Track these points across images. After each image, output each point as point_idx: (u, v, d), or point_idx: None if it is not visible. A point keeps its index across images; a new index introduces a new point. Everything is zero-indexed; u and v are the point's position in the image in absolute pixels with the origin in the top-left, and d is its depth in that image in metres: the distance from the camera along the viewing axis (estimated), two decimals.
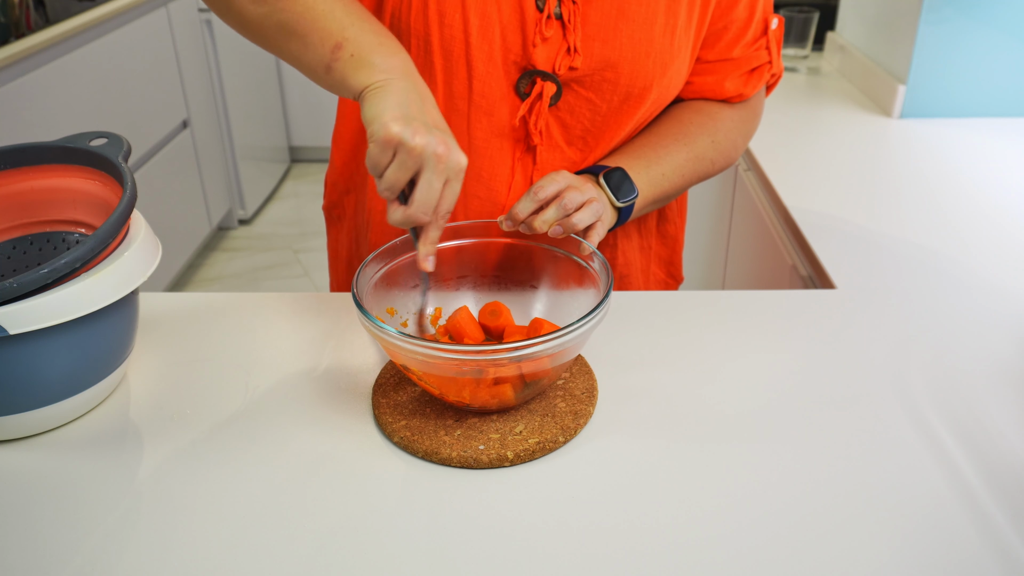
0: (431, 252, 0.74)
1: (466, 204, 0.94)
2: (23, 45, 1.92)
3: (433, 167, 0.70)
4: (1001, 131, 1.51)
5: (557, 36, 0.86)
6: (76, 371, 0.73)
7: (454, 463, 0.70)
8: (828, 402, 0.77)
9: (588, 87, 0.89)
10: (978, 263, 1.05)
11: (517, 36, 0.85)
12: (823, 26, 1.99)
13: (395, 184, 0.70)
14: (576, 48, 0.85)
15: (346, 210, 1.06)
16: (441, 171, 0.70)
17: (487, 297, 0.85)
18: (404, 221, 0.72)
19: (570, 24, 0.85)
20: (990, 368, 0.81)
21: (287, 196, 3.54)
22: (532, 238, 0.82)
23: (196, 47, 2.87)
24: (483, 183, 0.93)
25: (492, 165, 0.92)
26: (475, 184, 0.93)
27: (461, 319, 0.80)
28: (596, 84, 0.88)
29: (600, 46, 0.86)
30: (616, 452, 0.71)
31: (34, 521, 0.65)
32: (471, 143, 0.91)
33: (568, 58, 0.86)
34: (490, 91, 0.88)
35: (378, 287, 0.78)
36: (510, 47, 0.86)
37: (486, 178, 0.93)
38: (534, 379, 0.72)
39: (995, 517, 0.64)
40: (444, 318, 0.83)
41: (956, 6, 1.49)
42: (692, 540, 0.63)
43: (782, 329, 0.88)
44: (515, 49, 0.86)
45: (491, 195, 0.94)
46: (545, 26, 0.85)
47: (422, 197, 0.70)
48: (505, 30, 0.85)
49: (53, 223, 0.84)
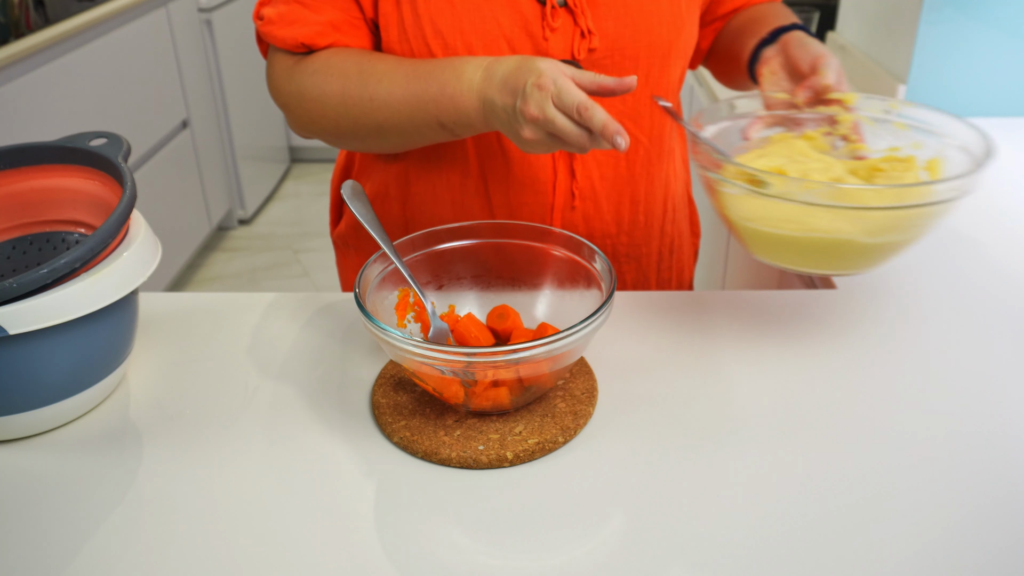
0: (616, 129, 0.73)
1: (517, 213, 0.95)
2: (23, 45, 1.92)
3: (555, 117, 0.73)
4: (1001, 131, 1.50)
5: (567, 24, 0.87)
6: (76, 371, 0.73)
7: (453, 463, 0.70)
8: (828, 402, 0.77)
9: (610, 68, 0.90)
10: (979, 263, 1.05)
11: (525, 40, 0.86)
12: (823, 26, 1.99)
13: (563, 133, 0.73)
14: (590, 30, 0.87)
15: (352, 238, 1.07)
16: (557, 111, 0.72)
17: (494, 297, 0.85)
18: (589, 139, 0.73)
19: (578, 9, 0.86)
20: (990, 368, 0.81)
21: (287, 196, 3.54)
22: (540, 239, 0.82)
23: (196, 47, 2.87)
24: (528, 189, 0.94)
25: (533, 170, 0.93)
26: (521, 192, 0.94)
27: (468, 322, 0.80)
28: (617, 63, 0.90)
29: (613, 23, 0.88)
30: (616, 453, 0.71)
31: (34, 521, 0.65)
32: (506, 156, 0.92)
33: (584, 41, 0.87)
34: None
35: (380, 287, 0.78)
36: (520, 53, 0.86)
37: (530, 183, 0.93)
38: (533, 383, 0.72)
39: (997, 517, 0.64)
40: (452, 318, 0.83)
41: (956, 6, 1.49)
42: (692, 540, 0.62)
43: (782, 329, 0.88)
44: (528, 52, 0.87)
45: (539, 198, 0.94)
46: (552, 17, 0.86)
47: (570, 137, 0.73)
48: (512, 40, 0.86)
49: (53, 223, 0.84)
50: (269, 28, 0.88)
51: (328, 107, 0.87)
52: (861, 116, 0.87)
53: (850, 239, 0.74)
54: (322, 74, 0.86)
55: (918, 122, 0.86)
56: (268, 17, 0.88)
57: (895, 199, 0.72)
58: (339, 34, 0.88)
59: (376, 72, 0.84)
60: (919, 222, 0.74)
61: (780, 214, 0.74)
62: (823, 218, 0.73)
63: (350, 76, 0.85)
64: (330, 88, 0.86)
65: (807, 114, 0.87)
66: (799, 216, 0.73)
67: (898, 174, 0.81)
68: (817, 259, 0.77)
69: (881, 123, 0.87)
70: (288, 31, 0.87)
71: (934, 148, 0.84)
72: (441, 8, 0.85)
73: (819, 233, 0.74)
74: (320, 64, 0.87)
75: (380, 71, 0.84)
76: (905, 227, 0.74)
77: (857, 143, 0.86)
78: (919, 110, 0.86)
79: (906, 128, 0.86)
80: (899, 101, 0.87)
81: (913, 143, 0.85)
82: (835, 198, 0.71)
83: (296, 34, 0.87)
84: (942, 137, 0.84)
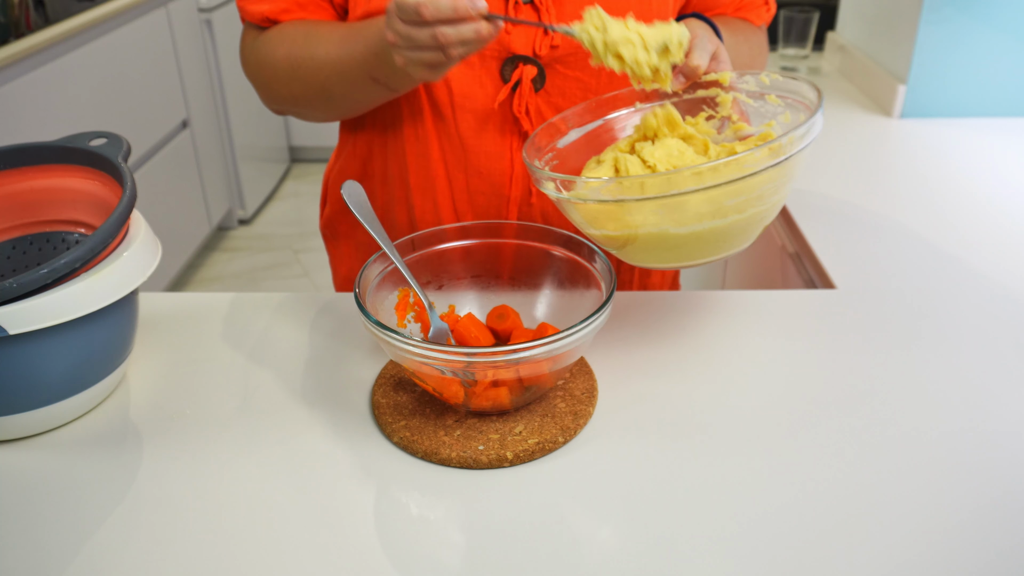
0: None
1: (473, 201, 0.96)
2: (23, 45, 1.92)
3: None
4: (1001, 131, 1.51)
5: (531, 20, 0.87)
6: (76, 371, 0.73)
7: (453, 463, 0.70)
8: (828, 402, 0.77)
9: (573, 66, 0.90)
10: (978, 263, 1.05)
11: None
12: (823, 26, 1.99)
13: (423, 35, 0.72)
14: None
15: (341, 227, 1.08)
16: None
17: (494, 297, 0.85)
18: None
19: (543, 6, 0.87)
20: (991, 368, 0.81)
21: (287, 196, 3.54)
22: (540, 239, 0.82)
23: (196, 47, 2.87)
24: (484, 178, 0.94)
25: (489, 160, 0.93)
26: (477, 181, 0.94)
27: (468, 322, 0.80)
28: (580, 61, 0.90)
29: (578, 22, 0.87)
30: (616, 453, 0.71)
31: (34, 521, 0.65)
32: (463, 143, 0.93)
33: (546, 38, 0.88)
34: (471, 91, 0.90)
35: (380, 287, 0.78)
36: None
37: (486, 173, 0.94)
38: (533, 383, 0.72)
39: (997, 517, 0.64)
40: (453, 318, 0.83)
41: (956, 6, 1.49)
42: (692, 540, 0.62)
43: (782, 329, 0.88)
44: (490, 44, 0.87)
45: (495, 188, 0.95)
46: (515, 13, 0.87)
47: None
48: None
49: (53, 223, 0.84)
50: (243, 3, 0.94)
51: (279, 71, 0.92)
52: (739, 95, 0.85)
53: (662, 231, 0.72)
54: (275, 41, 0.92)
55: (787, 94, 0.83)
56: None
57: (666, 187, 0.69)
58: (304, 12, 0.93)
59: (318, 35, 0.89)
60: (714, 208, 0.71)
61: (602, 215, 0.73)
62: (632, 212, 0.71)
63: (296, 40, 0.90)
64: (279, 52, 0.91)
65: (691, 98, 0.86)
66: (617, 214, 0.72)
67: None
68: (655, 254, 0.76)
69: (758, 99, 0.85)
70: (257, 7, 0.93)
71: (799, 120, 0.80)
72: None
73: (635, 229, 0.72)
74: (274, 32, 0.93)
75: (322, 34, 0.89)
76: (706, 213, 0.71)
77: (739, 123, 0.85)
78: (789, 83, 0.83)
79: (778, 102, 0.84)
80: (768, 74, 0.84)
81: (784, 117, 0.83)
82: (614, 193, 0.70)
83: (263, 9, 0.93)
84: (806, 107, 0.81)
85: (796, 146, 0.70)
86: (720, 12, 1.01)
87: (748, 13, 1.02)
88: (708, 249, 0.75)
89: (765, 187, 0.71)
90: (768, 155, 0.69)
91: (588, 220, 0.75)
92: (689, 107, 0.87)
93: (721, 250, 0.76)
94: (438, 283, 0.84)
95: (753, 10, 1.03)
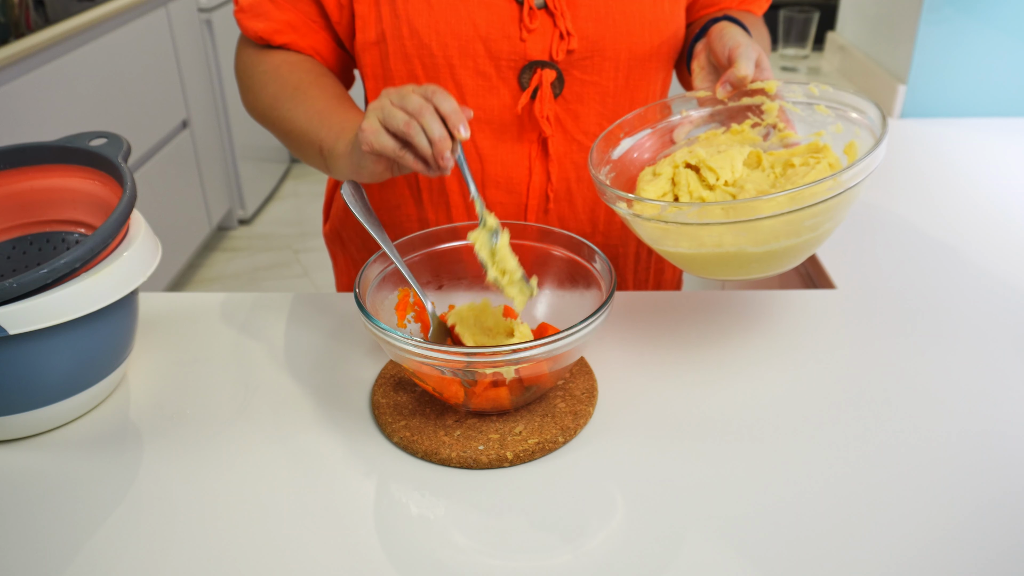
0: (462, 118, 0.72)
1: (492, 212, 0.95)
2: (23, 45, 1.92)
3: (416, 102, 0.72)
4: (1001, 131, 1.51)
5: (546, 25, 0.87)
6: (76, 371, 0.73)
7: (454, 463, 0.70)
8: (828, 402, 0.77)
9: (590, 71, 0.90)
10: (978, 263, 1.04)
11: (502, 41, 0.87)
12: (823, 26, 1.99)
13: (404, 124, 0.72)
14: (569, 31, 0.87)
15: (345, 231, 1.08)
16: (421, 99, 0.72)
17: (494, 297, 0.85)
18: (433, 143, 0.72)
19: (557, 11, 0.87)
20: (991, 367, 0.81)
21: (287, 196, 3.54)
22: (540, 239, 0.82)
23: (196, 47, 2.86)
24: (502, 188, 0.94)
25: (507, 170, 0.93)
26: (495, 191, 0.94)
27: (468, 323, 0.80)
28: (597, 65, 0.90)
29: (594, 25, 0.87)
30: (616, 453, 0.71)
31: (34, 521, 0.65)
32: (480, 155, 0.92)
33: (563, 43, 0.88)
34: (487, 102, 0.90)
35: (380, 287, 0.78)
36: (497, 54, 0.87)
37: (504, 183, 0.94)
38: (533, 383, 0.72)
39: (998, 517, 0.64)
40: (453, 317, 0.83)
41: (956, 6, 1.49)
42: (692, 540, 0.62)
43: (782, 329, 0.88)
44: (505, 52, 0.87)
45: (513, 198, 0.95)
46: (529, 19, 0.86)
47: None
48: (488, 41, 0.87)
49: (53, 223, 0.84)
50: (240, 16, 0.94)
51: (261, 103, 0.94)
52: (785, 104, 0.86)
53: (739, 250, 0.73)
54: (269, 76, 0.93)
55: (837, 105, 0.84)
56: (241, 5, 0.94)
57: (748, 212, 0.70)
58: (296, 34, 0.93)
59: (305, 95, 0.89)
60: (791, 228, 0.72)
61: (675, 234, 0.74)
62: (711, 234, 0.72)
63: (285, 88, 0.91)
64: (268, 90, 0.92)
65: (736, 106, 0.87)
66: (693, 234, 0.73)
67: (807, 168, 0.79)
68: (727, 269, 0.77)
69: (805, 108, 0.86)
70: (253, 23, 0.93)
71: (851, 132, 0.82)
72: (419, 8, 0.86)
73: (712, 248, 0.74)
74: (271, 67, 0.93)
75: (310, 95, 0.89)
76: (783, 233, 0.72)
77: (786, 131, 0.86)
78: (838, 93, 0.84)
79: (827, 113, 0.85)
80: (818, 84, 0.85)
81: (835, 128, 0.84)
82: (699, 217, 0.72)
83: (257, 27, 0.93)
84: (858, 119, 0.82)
85: (874, 164, 0.72)
86: (725, 5, 1.01)
87: (751, 5, 1.03)
88: (778, 263, 0.77)
89: (840, 205, 0.73)
90: (851, 176, 0.70)
91: (659, 237, 0.76)
92: (733, 114, 0.88)
93: (789, 263, 0.77)
94: (438, 283, 0.84)
95: (755, 1, 1.03)
